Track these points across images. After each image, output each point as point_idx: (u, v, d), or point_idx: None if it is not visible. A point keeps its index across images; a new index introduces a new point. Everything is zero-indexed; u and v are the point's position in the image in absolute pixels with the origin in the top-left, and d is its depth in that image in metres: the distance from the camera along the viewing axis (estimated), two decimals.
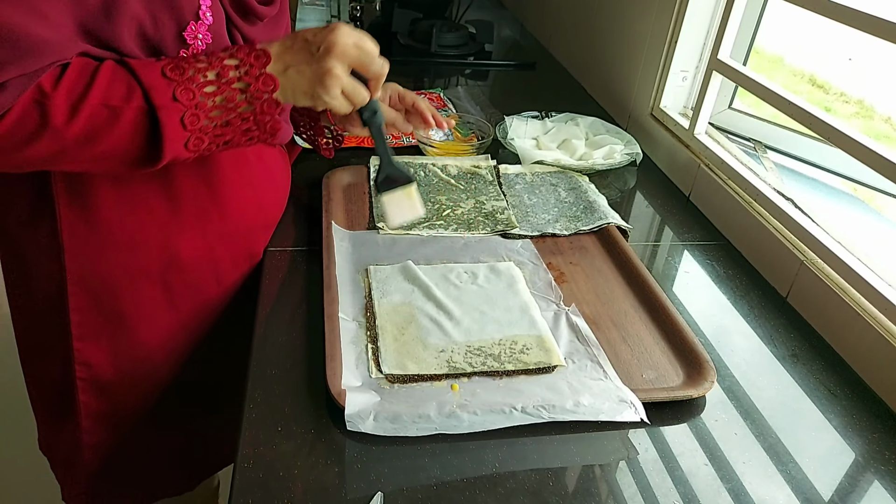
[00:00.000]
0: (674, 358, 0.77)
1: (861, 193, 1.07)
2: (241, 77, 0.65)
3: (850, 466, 0.68)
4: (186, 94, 0.63)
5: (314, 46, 0.66)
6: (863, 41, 0.85)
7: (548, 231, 0.99)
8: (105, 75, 0.62)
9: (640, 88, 1.35)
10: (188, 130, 0.64)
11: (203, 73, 0.64)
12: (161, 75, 0.63)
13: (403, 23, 1.84)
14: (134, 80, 0.62)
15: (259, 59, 0.66)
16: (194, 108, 0.63)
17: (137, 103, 0.62)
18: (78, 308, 0.81)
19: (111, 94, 0.61)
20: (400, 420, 0.65)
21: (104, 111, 0.61)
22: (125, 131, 0.62)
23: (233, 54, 0.66)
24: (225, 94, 0.65)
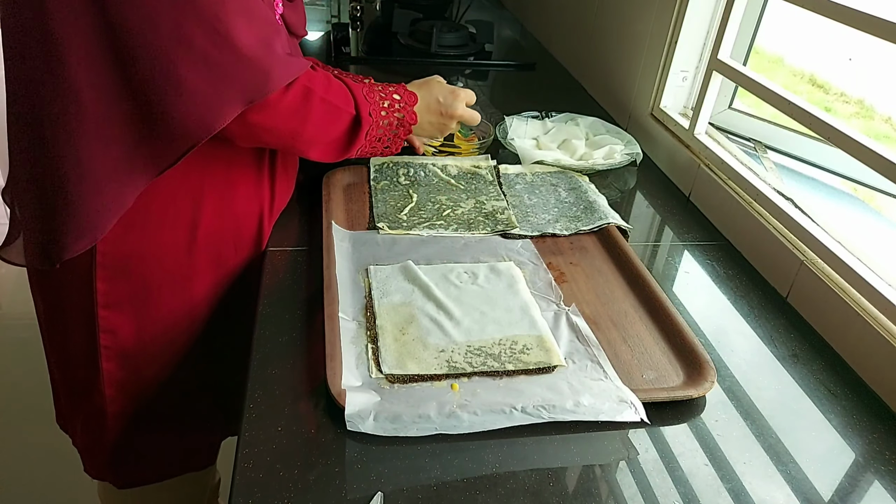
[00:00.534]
0: (674, 358, 0.77)
1: (861, 193, 1.07)
2: (400, 109, 0.92)
3: (850, 466, 0.68)
4: (376, 111, 0.89)
5: (443, 108, 0.97)
6: (863, 41, 0.85)
7: (548, 231, 0.99)
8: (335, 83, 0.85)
9: (640, 88, 1.35)
10: (366, 140, 0.89)
11: (381, 102, 0.90)
12: (364, 97, 0.88)
13: (403, 23, 1.84)
14: (349, 93, 0.87)
15: (412, 99, 0.94)
16: (373, 123, 0.89)
17: (351, 110, 0.86)
18: (104, 278, 0.84)
19: (340, 98, 0.85)
20: (400, 420, 0.65)
21: (335, 110, 0.84)
22: (338, 128, 0.86)
23: (396, 90, 0.93)
24: (389, 119, 0.91)
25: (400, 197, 1.04)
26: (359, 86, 0.88)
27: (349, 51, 1.74)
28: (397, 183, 1.08)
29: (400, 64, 1.76)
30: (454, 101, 0.96)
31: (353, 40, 1.88)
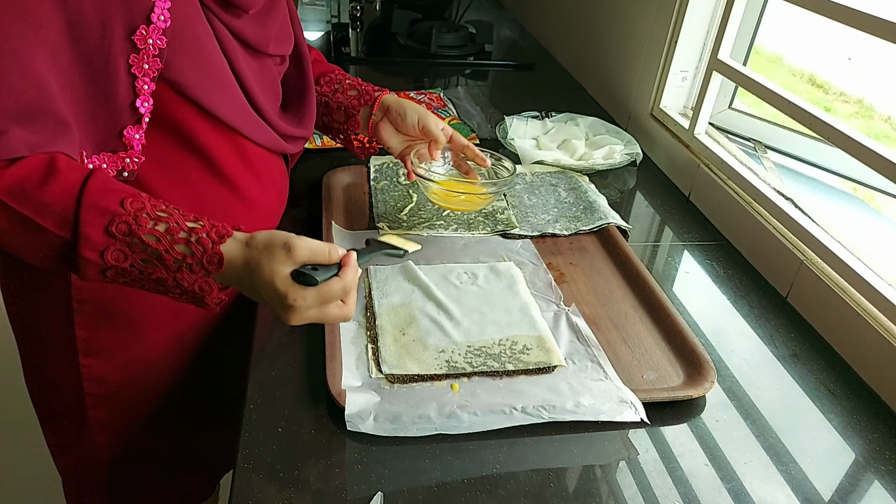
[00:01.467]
0: (674, 358, 0.77)
1: (861, 193, 1.07)
2: (181, 269, 0.61)
3: (850, 466, 0.68)
4: (117, 255, 0.60)
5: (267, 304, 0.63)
6: (863, 41, 0.85)
7: (548, 231, 0.99)
8: (53, 191, 0.59)
9: (640, 88, 1.35)
10: (107, 279, 0.62)
11: (146, 246, 0.60)
12: (103, 231, 0.59)
13: (403, 23, 1.84)
14: (72, 216, 0.59)
15: (211, 262, 0.61)
16: (121, 269, 0.61)
17: (65, 236, 0.59)
18: (84, 325, 0.80)
19: (45, 213, 0.59)
20: (400, 420, 0.65)
21: (30, 223, 0.59)
22: (45, 247, 0.60)
23: (189, 242, 0.61)
24: (157, 274, 0.62)
25: (400, 197, 1.04)
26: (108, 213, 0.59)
27: (349, 51, 1.74)
28: (397, 183, 1.08)
29: (399, 64, 1.76)
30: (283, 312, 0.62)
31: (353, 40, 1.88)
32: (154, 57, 0.65)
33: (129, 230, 0.60)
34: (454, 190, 0.96)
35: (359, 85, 0.96)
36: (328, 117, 0.96)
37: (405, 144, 0.94)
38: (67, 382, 0.84)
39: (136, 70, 0.65)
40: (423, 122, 0.91)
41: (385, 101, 0.93)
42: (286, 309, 0.61)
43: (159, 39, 0.65)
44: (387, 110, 0.93)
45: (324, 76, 0.97)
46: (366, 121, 0.94)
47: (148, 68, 0.65)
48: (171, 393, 0.90)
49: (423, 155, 0.94)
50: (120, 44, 0.63)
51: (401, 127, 0.93)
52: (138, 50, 0.64)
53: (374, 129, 0.94)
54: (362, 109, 0.94)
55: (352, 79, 0.97)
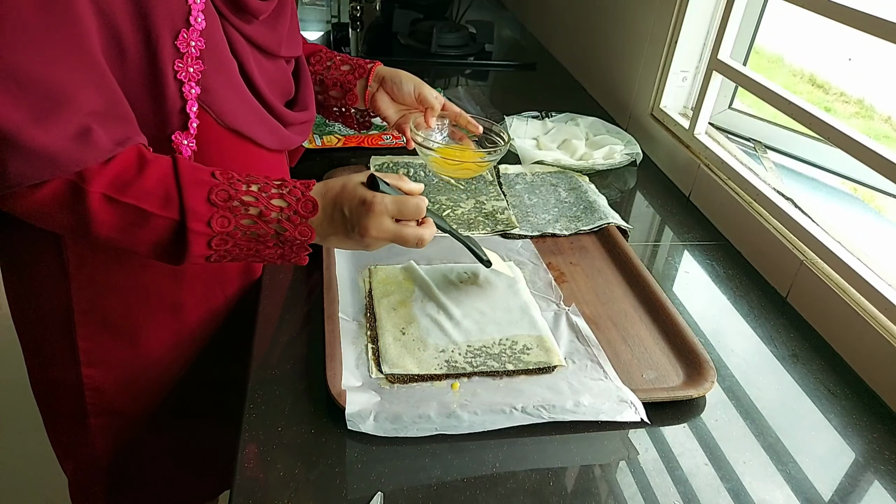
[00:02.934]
0: (674, 358, 0.77)
1: (861, 193, 1.07)
2: (280, 220, 0.65)
3: (850, 466, 0.68)
4: (222, 222, 0.63)
5: (349, 224, 0.66)
6: (863, 41, 0.85)
7: (548, 231, 0.99)
8: (151, 178, 0.62)
9: (640, 88, 1.35)
10: (212, 250, 0.65)
11: (247, 207, 0.64)
12: (206, 199, 0.63)
13: (404, 23, 1.84)
14: (177, 195, 0.62)
15: (306, 209, 0.66)
16: (225, 235, 0.64)
17: (172, 216, 0.62)
18: (86, 336, 0.80)
19: (149, 199, 0.62)
20: (400, 420, 0.65)
21: (136, 212, 0.61)
22: (150, 235, 0.63)
23: (283, 195, 0.65)
24: (260, 231, 0.65)
25: None
26: (203, 183, 0.63)
27: (349, 51, 1.74)
28: None
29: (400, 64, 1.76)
30: (364, 217, 0.65)
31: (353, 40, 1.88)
32: (196, 59, 0.67)
33: (227, 195, 0.64)
34: (452, 158, 0.98)
35: (350, 60, 0.97)
36: (324, 94, 0.98)
37: (401, 113, 0.97)
38: (69, 389, 0.84)
39: (182, 76, 0.66)
40: (419, 89, 0.94)
41: (379, 71, 0.96)
42: (365, 214, 0.65)
43: (199, 41, 0.66)
44: (382, 80, 0.96)
45: (313, 55, 0.99)
46: (362, 93, 0.95)
47: (192, 72, 0.67)
48: (170, 397, 0.90)
49: (419, 123, 0.97)
50: (167, 50, 0.64)
51: (397, 96, 0.95)
52: (182, 54, 0.65)
53: (370, 101, 0.95)
54: (358, 82, 0.96)
55: (341, 55, 0.99)
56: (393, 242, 0.68)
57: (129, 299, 0.80)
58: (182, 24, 0.65)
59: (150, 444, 0.92)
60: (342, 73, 0.96)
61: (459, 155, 0.99)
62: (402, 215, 0.67)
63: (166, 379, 0.88)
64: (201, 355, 0.89)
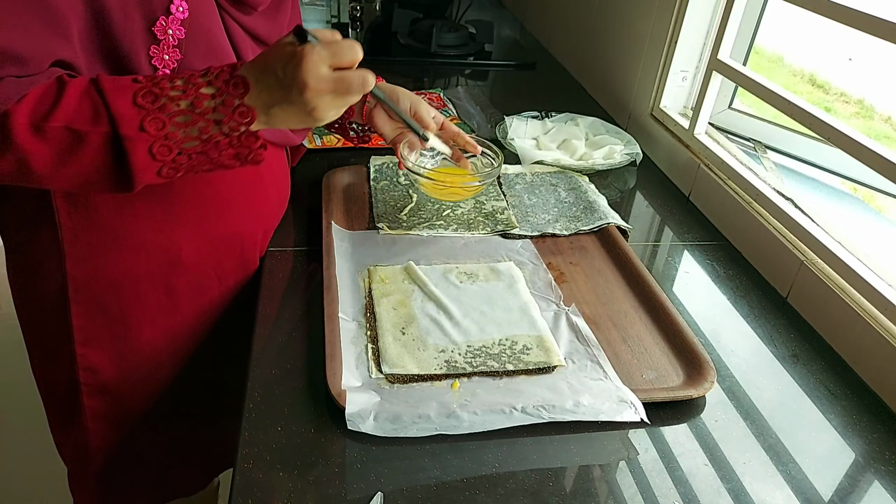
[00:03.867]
0: (674, 358, 0.77)
1: (861, 193, 1.07)
2: (215, 108, 0.61)
3: (850, 466, 0.68)
4: (155, 123, 0.60)
5: (286, 84, 0.61)
6: (863, 41, 0.85)
7: (548, 231, 0.99)
8: (72, 97, 0.59)
9: (640, 88, 1.35)
10: (158, 161, 0.61)
11: (176, 102, 0.60)
12: (132, 103, 0.59)
13: (403, 23, 1.84)
14: (102, 105, 0.59)
15: (237, 89, 0.61)
16: (164, 139, 0.60)
17: (103, 129, 0.59)
18: (80, 314, 0.80)
19: (77, 118, 0.59)
20: (400, 420, 0.65)
21: (68, 134, 0.59)
22: (91, 156, 0.60)
23: (210, 81, 0.61)
24: (198, 125, 0.61)
25: (400, 197, 1.04)
26: (127, 89, 0.60)
27: None
28: (397, 183, 1.08)
29: (400, 64, 1.76)
30: (297, 69, 0.60)
31: None
32: (174, 48, 0.67)
33: (154, 96, 0.60)
34: (442, 182, 0.97)
35: None
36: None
37: (397, 132, 0.95)
38: (64, 370, 0.85)
39: (156, 61, 0.66)
40: (415, 108, 0.91)
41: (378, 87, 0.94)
42: (298, 66, 0.60)
43: (178, 30, 0.66)
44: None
45: None
46: (360, 108, 0.94)
47: (168, 59, 0.67)
48: (165, 388, 0.91)
49: (413, 143, 0.95)
50: (141, 35, 0.64)
51: (393, 114, 0.93)
52: (158, 41, 0.65)
53: (367, 116, 0.94)
54: None
55: None
56: (335, 92, 0.62)
57: (122, 283, 0.80)
58: (161, 12, 0.65)
59: (142, 431, 0.93)
60: None
61: (448, 179, 0.97)
62: (337, 59, 0.62)
63: (160, 365, 0.89)
64: (196, 347, 0.90)
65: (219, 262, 0.85)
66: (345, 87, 0.62)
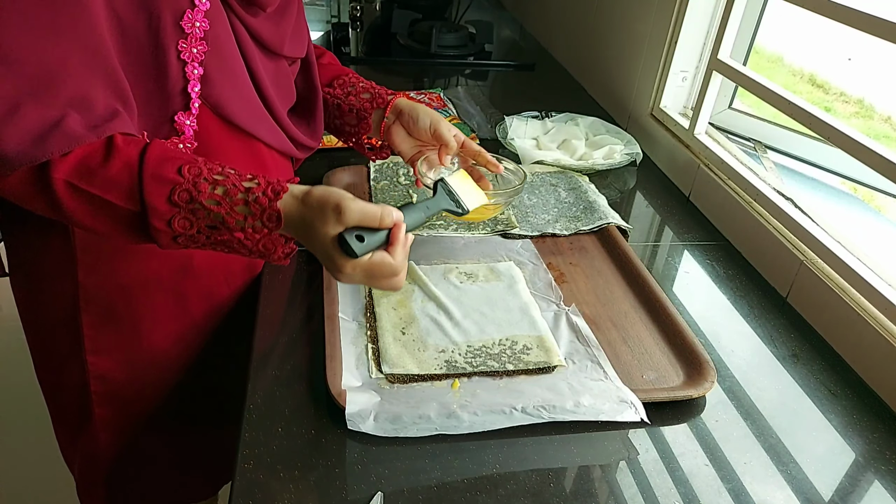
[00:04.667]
0: (674, 358, 0.77)
1: (861, 193, 1.07)
2: (244, 229, 0.62)
3: (850, 466, 0.68)
4: (184, 223, 0.61)
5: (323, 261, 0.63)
6: (863, 41, 0.85)
7: (548, 231, 0.99)
8: (114, 169, 0.60)
9: (640, 88, 1.35)
10: (180, 245, 0.64)
11: (208, 211, 0.61)
12: (167, 199, 0.60)
13: (403, 23, 1.84)
14: (138, 190, 0.60)
15: (270, 220, 0.62)
16: (188, 237, 0.62)
17: (134, 209, 0.61)
18: (91, 324, 0.80)
19: (112, 190, 0.60)
20: (400, 420, 0.65)
21: (100, 201, 0.61)
22: (116, 222, 0.62)
23: (248, 202, 0.62)
24: (223, 238, 0.63)
25: (400, 197, 1.04)
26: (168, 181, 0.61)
27: (349, 51, 1.74)
28: (397, 183, 1.08)
29: (399, 64, 1.76)
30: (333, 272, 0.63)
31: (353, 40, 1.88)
32: (200, 40, 0.67)
33: (190, 197, 0.61)
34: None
35: (372, 88, 0.94)
36: (340, 120, 0.95)
37: (416, 149, 0.92)
38: (74, 380, 0.85)
39: (185, 56, 0.67)
40: (435, 126, 0.89)
41: (398, 104, 0.91)
42: (335, 272, 0.62)
43: (203, 22, 0.67)
44: (399, 114, 0.91)
45: (337, 79, 0.96)
46: (377, 124, 0.92)
47: (196, 52, 0.67)
48: (173, 391, 0.91)
49: (432, 161, 0.91)
50: (170, 31, 0.65)
51: (412, 131, 0.91)
52: (186, 35, 0.66)
53: (385, 133, 0.92)
54: (374, 112, 0.92)
55: (366, 82, 0.96)
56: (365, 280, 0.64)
57: (133, 289, 0.80)
58: (187, 5, 0.66)
59: (151, 439, 0.93)
60: (361, 100, 0.93)
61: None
62: (371, 276, 0.63)
63: (170, 372, 0.89)
64: (205, 350, 0.90)
65: (228, 266, 0.85)
66: (376, 287, 0.66)
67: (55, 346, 0.85)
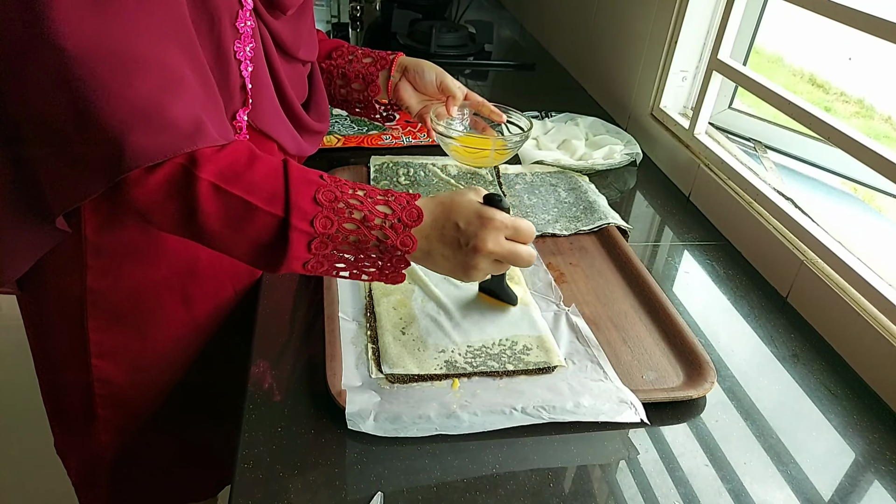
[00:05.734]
0: (674, 358, 0.77)
1: (861, 193, 1.07)
2: (383, 227, 0.63)
3: (850, 466, 0.68)
4: (325, 223, 0.62)
5: (464, 238, 0.65)
6: (863, 41, 0.85)
7: (548, 231, 0.99)
8: (260, 172, 0.62)
9: (640, 88, 1.35)
10: (311, 254, 0.63)
11: (351, 210, 0.63)
12: (312, 198, 0.62)
13: (403, 23, 1.84)
14: (283, 190, 0.61)
15: (410, 216, 0.64)
16: (326, 238, 0.63)
17: (276, 212, 0.61)
18: (97, 328, 0.80)
19: (256, 193, 0.61)
20: (400, 420, 0.65)
21: (242, 204, 0.61)
22: (253, 231, 0.62)
23: (388, 202, 0.64)
24: (360, 237, 0.64)
25: None
26: (311, 183, 0.63)
27: None
28: (397, 183, 1.08)
29: None
30: (482, 230, 0.64)
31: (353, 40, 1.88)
32: (250, 38, 0.69)
33: (334, 196, 0.63)
34: (473, 146, 0.97)
35: (372, 53, 0.98)
36: (346, 88, 0.98)
37: (423, 104, 0.97)
38: (78, 383, 0.85)
39: (240, 55, 0.69)
40: (441, 78, 0.94)
41: (402, 61, 0.96)
42: (483, 228, 0.64)
43: (250, 20, 0.69)
44: (405, 70, 0.96)
45: (335, 50, 0.99)
46: (385, 83, 0.96)
47: (248, 51, 0.69)
48: (175, 391, 0.91)
49: (441, 113, 0.97)
50: (228, 32, 0.67)
51: (419, 86, 0.95)
52: (240, 35, 0.68)
53: (393, 91, 0.96)
54: (380, 73, 0.96)
55: (363, 49, 0.99)
56: (505, 260, 0.66)
57: (141, 291, 0.80)
58: (237, 6, 0.67)
59: (153, 439, 0.93)
60: (364, 65, 0.97)
61: (480, 143, 0.98)
62: (517, 234, 0.66)
63: (172, 372, 0.89)
64: (206, 351, 0.90)
65: (234, 267, 0.85)
66: (513, 259, 0.66)
67: (59, 348, 0.85)
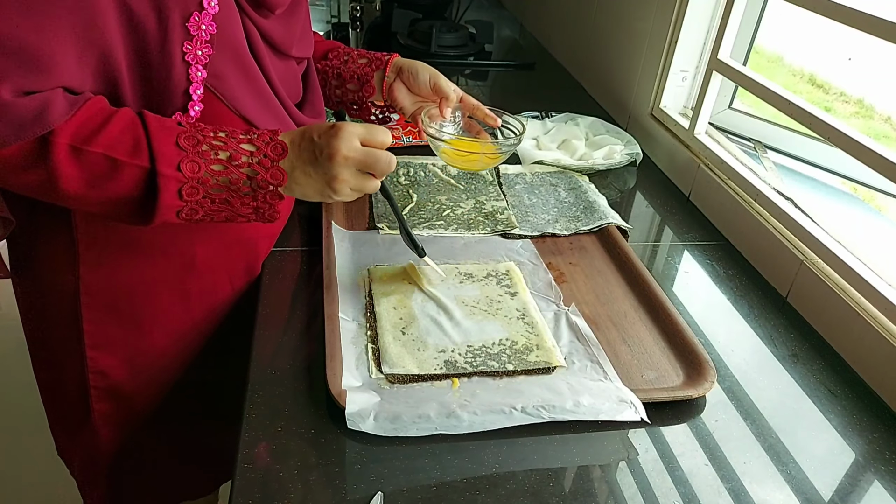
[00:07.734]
0: (674, 358, 0.77)
1: (861, 193, 1.07)
2: (251, 164, 0.65)
3: (850, 466, 0.68)
4: (192, 166, 0.63)
5: (318, 149, 0.66)
6: (863, 41, 0.85)
7: (548, 231, 0.99)
8: (117, 126, 0.62)
9: (640, 88, 1.35)
10: (183, 201, 0.64)
11: (216, 151, 0.64)
12: (174, 143, 0.63)
13: (403, 23, 1.84)
14: (145, 140, 0.62)
15: (275, 151, 0.66)
16: (196, 182, 0.64)
17: (141, 163, 0.62)
18: (91, 319, 0.80)
19: (117, 147, 0.61)
20: (400, 420, 0.65)
21: (104, 161, 0.61)
22: (121, 186, 0.62)
23: (251, 140, 0.66)
24: (230, 177, 0.65)
25: (400, 197, 1.04)
26: (171, 130, 0.63)
27: None
28: (397, 183, 1.08)
29: None
30: (333, 138, 0.65)
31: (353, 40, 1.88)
32: (206, 43, 0.68)
33: (196, 140, 0.64)
34: (464, 149, 0.96)
35: (367, 53, 0.98)
36: (341, 89, 0.98)
37: (417, 105, 0.96)
38: (74, 376, 0.85)
39: (189, 57, 0.67)
40: (435, 80, 0.93)
41: (397, 62, 0.96)
42: (335, 136, 0.65)
43: (210, 25, 0.67)
44: (399, 71, 0.95)
45: (331, 51, 0.99)
46: (380, 84, 0.95)
47: (201, 55, 0.68)
48: (173, 387, 0.91)
49: (433, 115, 0.96)
50: (176, 31, 0.66)
51: (413, 87, 0.95)
52: (192, 37, 0.67)
53: (387, 91, 0.95)
54: (375, 74, 0.96)
55: (358, 50, 0.99)
56: (361, 165, 0.67)
57: (136, 286, 0.80)
58: (195, 7, 0.66)
59: (152, 434, 0.93)
60: (359, 65, 0.96)
61: (470, 146, 0.98)
62: (370, 138, 0.67)
63: (170, 369, 0.89)
64: (204, 348, 0.90)
65: (231, 265, 0.86)
66: (371, 161, 0.68)
67: (55, 341, 0.85)
